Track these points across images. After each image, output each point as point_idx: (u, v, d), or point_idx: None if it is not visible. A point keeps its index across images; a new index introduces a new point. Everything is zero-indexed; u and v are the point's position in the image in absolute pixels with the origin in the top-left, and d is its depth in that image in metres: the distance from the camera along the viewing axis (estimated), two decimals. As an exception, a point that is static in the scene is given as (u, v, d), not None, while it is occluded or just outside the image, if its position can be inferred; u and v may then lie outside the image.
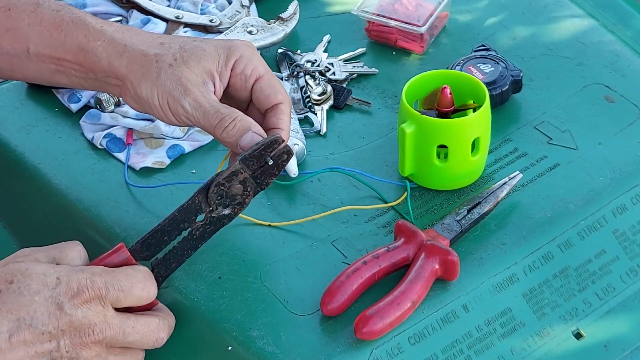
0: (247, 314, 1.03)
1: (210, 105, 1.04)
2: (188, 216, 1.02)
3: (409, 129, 1.11)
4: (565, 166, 1.17)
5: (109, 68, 1.06)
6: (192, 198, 1.02)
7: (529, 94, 1.25)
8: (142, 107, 1.06)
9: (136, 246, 1.01)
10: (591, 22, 1.34)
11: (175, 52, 1.05)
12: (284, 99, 1.07)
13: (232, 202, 1.03)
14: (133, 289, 0.98)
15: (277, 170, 1.03)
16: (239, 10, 1.36)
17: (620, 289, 1.11)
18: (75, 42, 1.07)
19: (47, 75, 1.09)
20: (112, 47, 1.06)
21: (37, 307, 0.94)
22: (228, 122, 1.03)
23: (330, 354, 1.00)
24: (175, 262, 1.03)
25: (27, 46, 1.08)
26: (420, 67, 1.30)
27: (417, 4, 1.33)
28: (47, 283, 0.95)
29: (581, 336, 1.08)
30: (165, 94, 1.04)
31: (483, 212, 1.10)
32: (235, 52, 1.06)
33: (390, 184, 1.15)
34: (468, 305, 1.05)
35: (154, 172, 1.18)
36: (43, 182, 1.18)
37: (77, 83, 1.09)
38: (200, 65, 1.05)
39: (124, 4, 1.35)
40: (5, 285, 0.94)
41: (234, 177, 1.02)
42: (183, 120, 1.05)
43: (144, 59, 1.05)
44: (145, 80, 1.04)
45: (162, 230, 1.02)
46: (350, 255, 1.08)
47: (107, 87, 1.08)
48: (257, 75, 1.07)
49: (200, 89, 1.04)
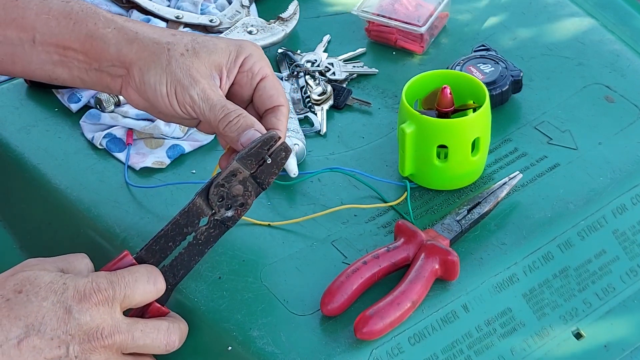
0: (247, 314, 1.03)
1: (217, 99, 1.04)
2: (191, 220, 1.02)
3: (409, 129, 1.11)
4: (565, 166, 1.17)
5: (117, 55, 1.06)
6: (193, 200, 1.02)
7: (529, 94, 1.25)
8: (145, 96, 1.05)
9: (141, 253, 1.01)
10: (591, 22, 1.34)
11: (187, 43, 1.06)
12: (284, 103, 1.07)
13: (234, 204, 1.03)
14: (138, 283, 0.98)
15: (277, 168, 1.03)
16: (239, 10, 1.36)
17: (620, 289, 1.11)
18: (85, 29, 1.07)
19: (49, 68, 1.09)
20: (122, 34, 1.06)
21: (46, 313, 0.94)
22: (233, 117, 1.03)
23: (330, 354, 1.00)
24: (183, 269, 1.02)
25: (34, 35, 1.08)
26: (420, 67, 1.30)
27: (417, 4, 1.33)
28: (55, 289, 0.95)
29: (581, 336, 1.08)
30: (174, 82, 1.04)
31: (483, 212, 1.10)
32: (246, 50, 1.07)
33: (390, 184, 1.15)
34: (468, 305, 1.05)
35: (154, 172, 1.18)
36: (43, 182, 1.18)
37: (77, 77, 1.09)
38: (210, 59, 1.05)
39: (124, 4, 1.35)
40: (14, 294, 0.95)
41: (232, 177, 1.02)
42: (187, 110, 1.05)
43: (156, 46, 1.05)
44: (155, 66, 1.04)
45: (165, 235, 1.01)
46: (350, 255, 1.08)
47: (109, 79, 1.08)
48: (263, 75, 1.07)
49: (209, 81, 1.05)
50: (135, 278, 0.98)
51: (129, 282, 0.97)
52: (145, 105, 1.07)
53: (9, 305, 0.94)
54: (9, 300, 0.94)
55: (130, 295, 0.97)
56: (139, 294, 0.98)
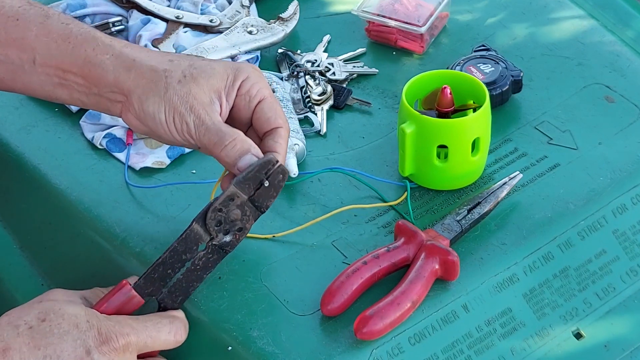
0: (247, 314, 1.03)
1: (212, 124, 1.04)
2: (189, 246, 1.01)
3: (409, 129, 1.11)
4: (565, 166, 1.17)
5: (115, 82, 1.05)
6: (191, 227, 1.01)
7: (529, 94, 1.25)
8: (145, 123, 1.05)
9: (140, 282, 1.01)
10: (591, 22, 1.34)
11: (185, 69, 1.05)
12: (283, 124, 1.07)
13: (232, 228, 1.02)
14: (160, 334, 0.99)
15: (275, 192, 1.03)
16: (239, 10, 1.36)
17: (621, 289, 1.11)
18: (83, 54, 1.07)
19: (49, 89, 1.09)
20: (120, 61, 1.06)
21: (65, 347, 0.95)
22: (228, 141, 1.03)
23: (330, 354, 1.00)
24: (181, 295, 1.02)
25: (34, 56, 1.07)
26: (420, 67, 1.30)
27: (417, 4, 1.33)
28: (78, 324, 0.96)
29: (581, 336, 1.08)
30: (172, 110, 1.04)
31: (483, 212, 1.10)
32: (243, 72, 1.07)
33: (390, 184, 1.15)
34: (468, 305, 1.05)
35: (154, 172, 1.18)
36: (43, 182, 1.18)
37: (78, 99, 1.09)
38: (209, 84, 1.05)
39: (124, 4, 1.35)
40: (37, 322, 0.96)
41: (230, 202, 1.01)
42: (185, 137, 1.05)
43: (153, 74, 1.05)
44: (153, 95, 1.04)
45: (164, 263, 1.01)
46: (351, 255, 1.08)
47: (109, 103, 1.07)
48: (261, 97, 1.07)
49: (206, 107, 1.04)
50: (158, 328, 0.99)
51: (151, 332, 0.98)
52: (145, 130, 1.07)
53: (31, 333, 0.95)
54: (31, 328, 0.95)
55: (150, 344, 0.99)
56: (158, 345, 1.00)
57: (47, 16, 1.09)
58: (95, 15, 1.34)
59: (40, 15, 1.09)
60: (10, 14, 1.09)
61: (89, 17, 1.34)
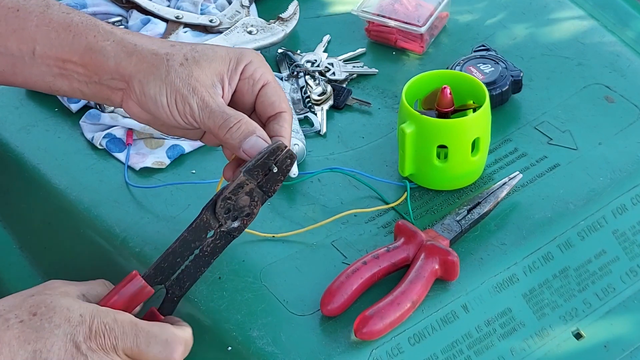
0: (247, 314, 1.03)
1: (217, 106, 1.03)
2: (198, 235, 1.01)
3: (409, 129, 1.11)
4: (565, 166, 1.17)
5: (116, 68, 1.05)
6: (200, 216, 1.01)
7: (529, 94, 1.25)
8: (146, 108, 1.05)
9: (149, 272, 1.01)
10: (591, 23, 1.34)
11: (187, 52, 1.05)
12: (287, 109, 1.07)
13: (240, 214, 1.02)
14: (150, 349, 0.96)
15: (282, 176, 1.03)
16: (239, 10, 1.36)
17: (620, 289, 1.11)
18: (84, 42, 1.07)
19: (49, 80, 1.09)
20: (121, 46, 1.06)
21: (55, 341, 0.94)
22: (233, 123, 1.03)
23: (330, 354, 1.00)
24: (189, 281, 1.02)
25: (34, 47, 1.08)
26: (420, 67, 1.30)
27: (417, 4, 1.33)
28: (69, 318, 0.95)
29: (581, 336, 1.08)
30: (174, 92, 1.03)
31: (483, 212, 1.10)
32: (246, 57, 1.07)
33: (390, 184, 1.15)
34: (468, 305, 1.05)
35: (154, 172, 1.18)
36: (43, 182, 1.18)
37: (78, 90, 1.09)
38: (211, 67, 1.05)
39: (124, 4, 1.35)
40: (28, 316, 0.95)
41: (239, 190, 1.02)
42: (188, 120, 1.04)
43: (155, 57, 1.05)
44: (154, 78, 1.04)
45: (173, 252, 1.01)
46: (350, 255, 1.08)
47: (109, 92, 1.07)
48: (264, 81, 1.07)
49: (208, 90, 1.04)
50: (149, 344, 0.96)
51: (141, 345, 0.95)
52: (147, 117, 1.06)
53: (22, 327, 0.94)
54: (22, 321, 0.94)
55: (137, 355, 0.96)
56: (145, 358, 0.96)
57: (47, 6, 1.09)
58: (95, 15, 1.34)
59: (40, 5, 1.09)
60: (10, 5, 1.09)
61: (89, 17, 1.34)
